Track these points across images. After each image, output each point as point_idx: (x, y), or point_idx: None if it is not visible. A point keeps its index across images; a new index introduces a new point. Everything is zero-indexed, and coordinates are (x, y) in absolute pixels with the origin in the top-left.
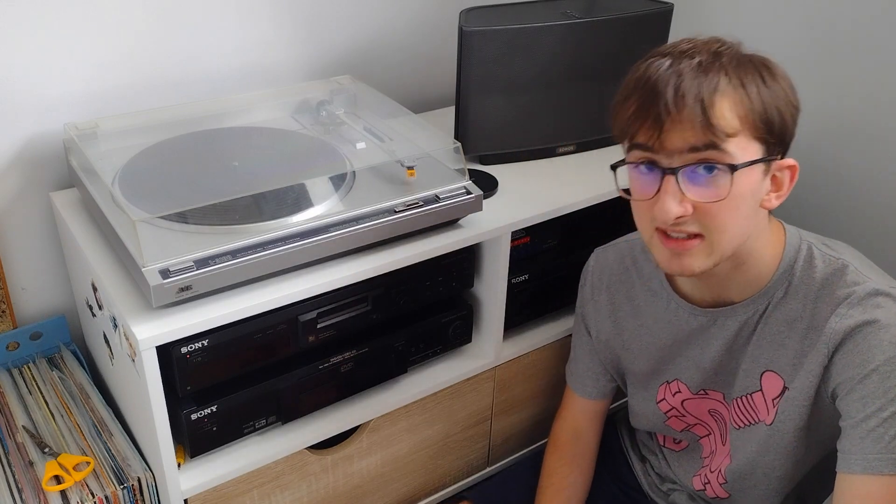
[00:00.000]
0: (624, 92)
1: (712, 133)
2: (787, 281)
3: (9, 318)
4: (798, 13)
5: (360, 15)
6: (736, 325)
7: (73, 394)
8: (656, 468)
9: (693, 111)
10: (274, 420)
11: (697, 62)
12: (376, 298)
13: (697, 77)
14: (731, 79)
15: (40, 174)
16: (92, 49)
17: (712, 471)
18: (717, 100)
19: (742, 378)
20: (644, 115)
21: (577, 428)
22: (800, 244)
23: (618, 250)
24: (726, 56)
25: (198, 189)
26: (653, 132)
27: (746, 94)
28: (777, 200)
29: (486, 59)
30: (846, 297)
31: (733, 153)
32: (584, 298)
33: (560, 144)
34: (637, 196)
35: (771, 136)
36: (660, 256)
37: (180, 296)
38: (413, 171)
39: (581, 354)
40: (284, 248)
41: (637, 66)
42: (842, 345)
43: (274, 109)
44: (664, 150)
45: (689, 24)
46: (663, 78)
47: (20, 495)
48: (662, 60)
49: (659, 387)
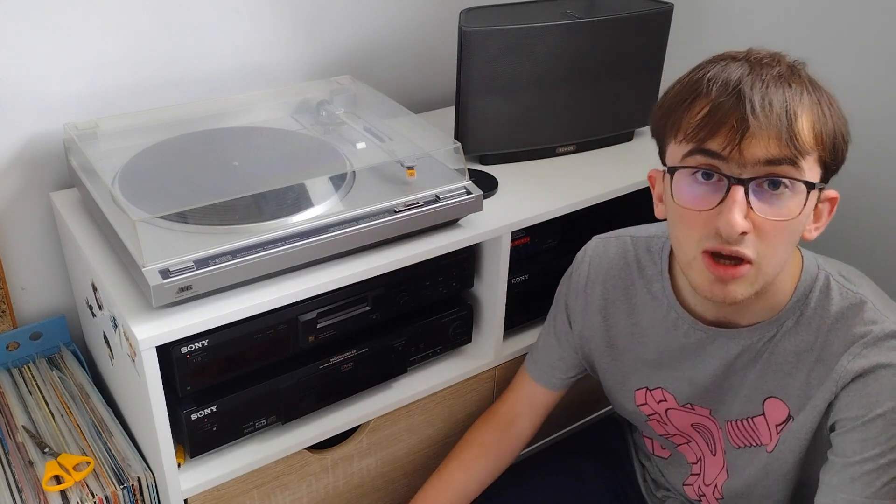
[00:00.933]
0: (689, 89)
1: (794, 146)
2: (800, 311)
3: (9, 318)
4: (798, 13)
5: (360, 15)
6: (737, 348)
7: (73, 394)
8: (652, 474)
9: (780, 120)
10: (274, 420)
11: (778, 72)
12: (376, 298)
13: (782, 86)
14: (811, 94)
15: (40, 174)
16: (92, 49)
17: (707, 484)
18: (801, 113)
19: (743, 402)
20: (722, 119)
21: (516, 413)
22: (817, 273)
23: (621, 244)
24: (804, 72)
25: (198, 189)
26: (731, 139)
27: (823, 113)
28: (815, 232)
29: (486, 59)
30: (862, 335)
31: (806, 172)
32: (572, 288)
33: (560, 144)
34: (691, 205)
35: (833, 161)
36: (700, 280)
37: (180, 296)
38: (413, 171)
39: (553, 344)
40: (284, 248)
41: (704, 67)
42: (851, 383)
43: (274, 109)
44: (738, 159)
45: (689, 24)
46: (747, 81)
47: (20, 495)
48: (739, 63)
49: (636, 391)
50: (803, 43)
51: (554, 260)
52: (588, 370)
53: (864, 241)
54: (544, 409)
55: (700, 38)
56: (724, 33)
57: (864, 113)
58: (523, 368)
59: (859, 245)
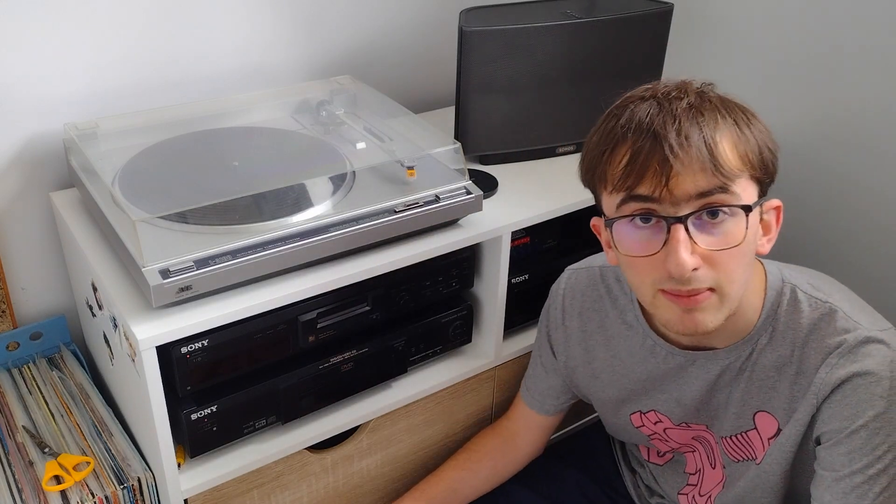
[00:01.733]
0: (607, 140)
1: (721, 174)
2: (771, 326)
3: (9, 318)
4: (798, 13)
5: (360, 15)
6: (718, 368)
7: (73, 394)
8: (645, 480)
9: (700, 153)
10: (274, 420)
11: (687, 104)
12: (376, 298)
13: (695, 118)
14: (725, 117)
15: (40, 174)
16: (92, 49)
17: (702, 494)
18: (720, 139)
19: (733, 419)
20: (645, 163)
21: (516, 431)
22: (782, 287)
23: (590, 275)
24: (713, 96)
25: (198, 189)
26: (658, 181)
27: (741, 132)
28: (769, 244)
29: (486, 59)
30: (837, 346)
31: (740, 195)
32: (552, 322)
33: (560, 144)
34: (635, 252)
35: (766, 175)
36: (668, 316)
37: (180, 296)
38: (413, 171)
39: (542, 373)
40: (284, 248)
41: (614, 114)
42: (831, 395)
43: (274, 109)
44: (670, 199)
45: (689, 24)
46: (658, 121)
47: (20, 495)
48: (648, 103)
49: (630, 415)
50: (803, 43)
51: (554, 260)
52: (580, 396)
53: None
54: (542, 431)
55: (700, 38)
56: (724, 33)
57: (865, 113)
58: (519, 394)
59: (856, 247)
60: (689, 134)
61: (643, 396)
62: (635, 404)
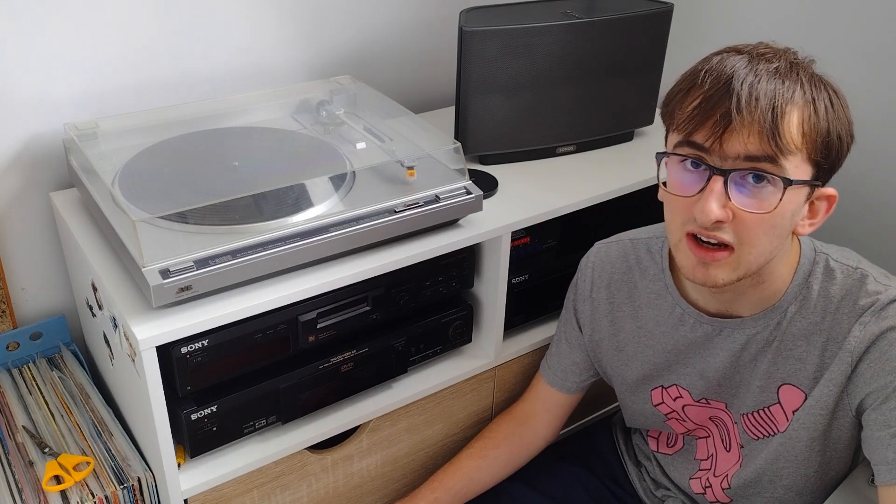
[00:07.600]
0: (688, 80)
1: (776, 144)
2: (803, 295)
3: (9, 318)
4: (798, 13)
5: (360, 15)
6: (743, 337)
7: (73, 394)
8: (651, 474)
9: (763, 117)
10: (274, 420)
11: (776, 68)
12: (376, 298)
13: (774, 82)
14: (805, 92)
15: (40, 174)
16: (92, 49)
17: (716, 475)
18: (789, 111)
19: (757, 393)
20: (709, 112)
21: (532, 412)
22: (815, 257)
23: (621, 247)
24: (802, 69)
25: (198, 189)
26: (714, 133)
27: (815, 111)
28: (810, 228)
29: (486, 59)
30: (870, 305)
31: (788, 170)
32: (579, 294)
33: (560, 144)
34: (676, 191)
35: (826, 160)
36: (685, 262)
37: (180, 296)
38: (413, 171)
39: (566, 349)
40: (284, 248)
41: (708, 58)
42: (867, 353)
43: (274, 109)
44: (719, 152)
45: (689, 24)
46: (739, 75)
47: (20, 495)
48: (739, 57)
49: (651, 391)
50: (804, 42)
51: (554, 260)
52: (601, 374)
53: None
54: (561, 411)
55: (700, 38)
56: (724, 33)
57: (865, 113)
58: (539, 372)
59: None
60: (760, 96)
61: (666, 371)
62: (658, 379)
